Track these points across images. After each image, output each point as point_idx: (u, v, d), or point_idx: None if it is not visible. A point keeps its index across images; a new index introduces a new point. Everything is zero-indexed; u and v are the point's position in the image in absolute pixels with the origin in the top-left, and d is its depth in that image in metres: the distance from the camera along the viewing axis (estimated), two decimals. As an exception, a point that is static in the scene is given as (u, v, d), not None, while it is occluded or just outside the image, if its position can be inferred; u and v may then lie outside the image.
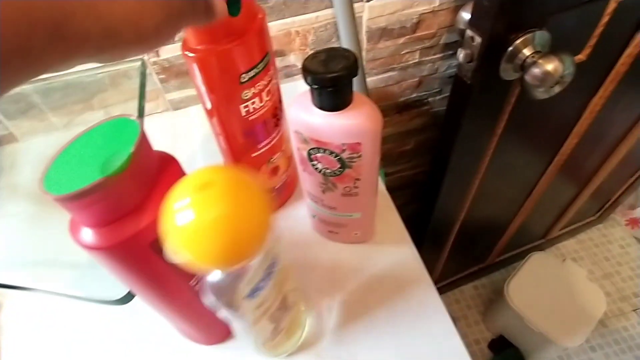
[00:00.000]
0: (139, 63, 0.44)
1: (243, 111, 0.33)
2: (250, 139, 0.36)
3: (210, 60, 0.30)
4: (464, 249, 1.03)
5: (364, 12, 0.56)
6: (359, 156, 0.30)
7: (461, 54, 0.50)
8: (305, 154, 0.32)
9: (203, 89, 0.32)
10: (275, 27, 0.54)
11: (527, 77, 0.46)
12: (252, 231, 0.19)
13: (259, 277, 0.23)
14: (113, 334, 0.38)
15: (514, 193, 0.89)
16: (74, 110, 0.51)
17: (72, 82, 0.48)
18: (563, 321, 0.97)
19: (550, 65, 0.44)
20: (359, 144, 0.29)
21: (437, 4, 0.57)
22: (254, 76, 0.31)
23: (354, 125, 0.28)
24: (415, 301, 0.36)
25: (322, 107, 0.28)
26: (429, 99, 0.75)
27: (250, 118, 0.34)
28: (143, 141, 0.21)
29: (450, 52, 0.66)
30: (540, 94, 0.47)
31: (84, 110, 0.51)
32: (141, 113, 0.39)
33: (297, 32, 0.56)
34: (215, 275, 0.23)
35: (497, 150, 0.67)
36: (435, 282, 1.04)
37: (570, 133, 0.73)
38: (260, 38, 0.31)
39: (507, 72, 0.50)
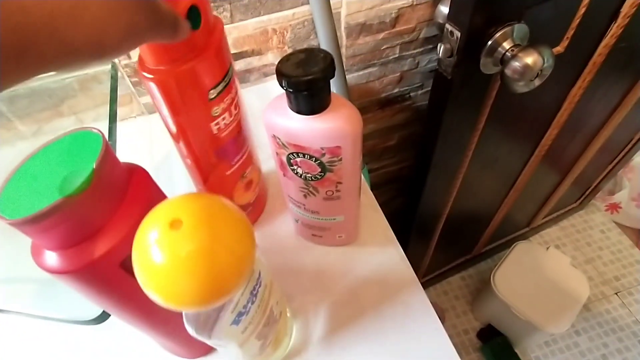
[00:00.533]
0: (109, 66, 0.42)
1: (214, 129, 0.31)
2: (223, 157, 0.34)
3: (173, 81, 0.27)
4: (450, 241, 1.03)
5: (342, 8, 0.55)
6: (340, 160, 0.29)
7: (441, 49, 0.49)
8: (284, 158, 0.30)
9: (166, 112, 0.29)
10: (251, 25, 0.52)
11: (507, 71, 0.46)
12: (233, 265, 0.17)
13: (244, 301, 0.22)
14: (91, 350, 0.36)
15: (498, 184, 0.90)
16: (42, 117, 0.49)
17: (37, 89, 0.45)
18: (549, 308, 0.98)
19: (530, 59, 0.44)
20: (338, 147, 0.28)
21: (415, -3, 0.57)
22: (222, 90, 0.29)
23: (332, 128, 0.27)
24: (402, 302, 0.36)
25: (298, 111, 0.27)
26: (411, 94, 0.74)
27: (222, 135, 0.32)
28: (106, 156, 0.20)
29: (431, 47, 0.66)
30: (521, 87, 0.47)
31: (53, 117, 0.49)
32: (113, 118, 0.38)
33: (274, 30, 0.54)
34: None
35: (479, 144, 0.67)
36: (423, 275, 1.06)
37: (551, 124, 0.74)
38: (221, 50, 0.29)
39: (487, 66, 0.49)
